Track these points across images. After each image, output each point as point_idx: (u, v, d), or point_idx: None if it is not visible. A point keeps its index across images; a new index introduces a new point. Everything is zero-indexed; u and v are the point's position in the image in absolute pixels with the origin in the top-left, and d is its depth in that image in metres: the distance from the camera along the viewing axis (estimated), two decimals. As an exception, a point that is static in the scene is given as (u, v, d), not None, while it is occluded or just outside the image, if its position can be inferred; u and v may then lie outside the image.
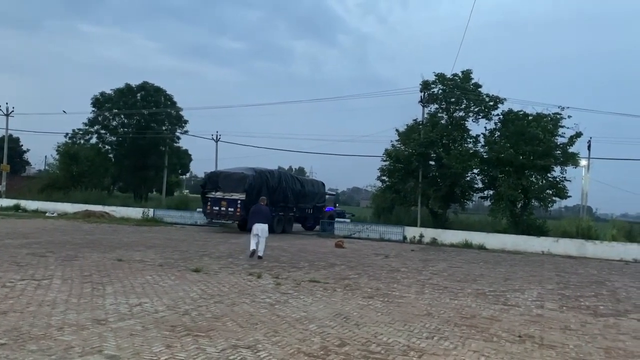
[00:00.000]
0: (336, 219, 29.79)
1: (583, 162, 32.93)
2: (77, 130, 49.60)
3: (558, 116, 27.20)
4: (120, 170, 50.43)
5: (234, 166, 27.53)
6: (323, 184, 32.53)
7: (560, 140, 27.16)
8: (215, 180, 25.60)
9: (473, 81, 28.95)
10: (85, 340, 5.89)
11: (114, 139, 50.96)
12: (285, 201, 26.79)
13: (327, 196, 32.64)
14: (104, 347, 5.71)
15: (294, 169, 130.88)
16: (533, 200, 27.60)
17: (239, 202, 24.00)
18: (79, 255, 13.33)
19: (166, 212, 31.38)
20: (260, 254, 14.68)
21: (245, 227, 22.73)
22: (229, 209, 24.37)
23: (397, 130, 30.09)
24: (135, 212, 31.29)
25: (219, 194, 24.89)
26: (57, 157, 46.40)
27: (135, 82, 51.43)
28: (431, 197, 28.38)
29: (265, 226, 14.80)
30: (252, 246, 14.72)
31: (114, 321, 6.84)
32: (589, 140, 33.90)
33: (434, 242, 25.04)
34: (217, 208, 24.72)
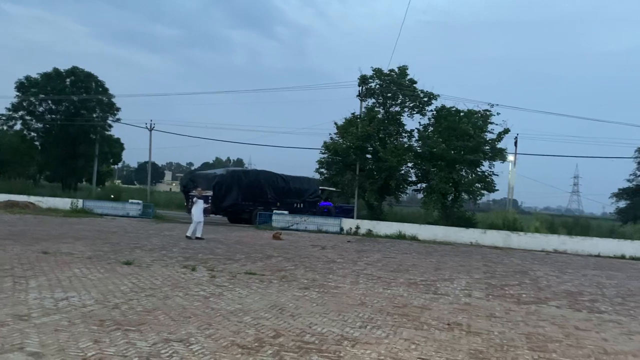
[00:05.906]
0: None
1: (510, 158, 34.43)
2: (-1, 116, 46.79)
3: (488, 113, 28.33)
4: (47, 158, 48.02)
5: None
6: (315, 181, 34.14)
7: (489, 136, 28.35)
8: (194, 180, 29.57)
9: (409, 77, 29.66)
10: (5, 337, 5.58)
11: (40, 125, 48.46)
12: (264, 197, 29.73)
13: (330, 193, 34.41)
14: (26, 343, 5.44)
15: (232, 160, 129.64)
16: (463, 194, 28.66)
17: (209, 198, 26.86)
18: (-1, 248, 12.59)
19: (97, 203, 30.23)
20: (187, 233, 18.21)
21: (233, 220, 29.69)
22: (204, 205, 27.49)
23: (335, 123, 30.46)
24: (63, 203, 29.95)
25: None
26: (-24, 143, 43.65)
27: (64, 66, 49.07)
28: (367, 190, 28.91)
29: (192, 213, 18.76)
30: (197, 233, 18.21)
31: (37, 317, 6.52)
32: (516, 137, 35.50)
33: (369, 234, 25.52)
34: None
